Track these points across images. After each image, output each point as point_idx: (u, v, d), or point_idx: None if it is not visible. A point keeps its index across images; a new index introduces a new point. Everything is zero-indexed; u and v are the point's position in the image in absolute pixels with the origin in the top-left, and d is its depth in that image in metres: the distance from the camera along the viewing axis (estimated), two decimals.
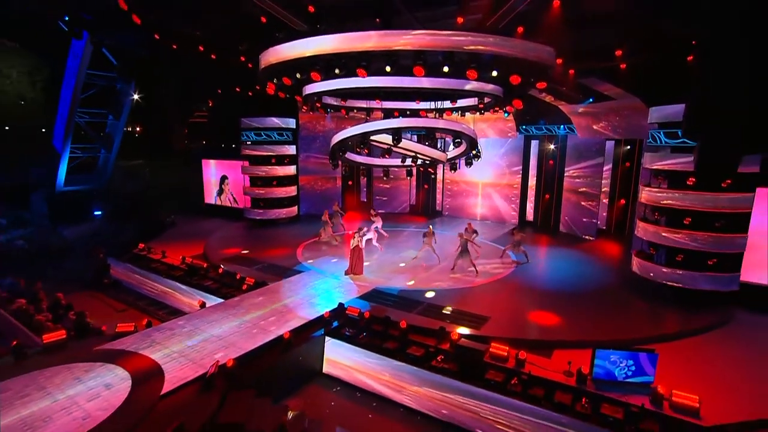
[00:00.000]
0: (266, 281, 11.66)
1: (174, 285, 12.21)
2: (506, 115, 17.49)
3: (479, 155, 15.07)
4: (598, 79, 12.55)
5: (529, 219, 19.60)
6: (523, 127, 18.74)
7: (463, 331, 8.83)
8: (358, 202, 22.97)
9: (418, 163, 14.25)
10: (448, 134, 13.66)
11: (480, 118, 18.57)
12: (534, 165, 19.13)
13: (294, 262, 13.89)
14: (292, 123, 20.08)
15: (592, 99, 14.38)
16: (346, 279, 12.22)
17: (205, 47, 14.04)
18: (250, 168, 19.73)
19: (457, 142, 13.38)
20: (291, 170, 20.31)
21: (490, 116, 18.04)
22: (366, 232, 13.39)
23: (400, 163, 14.52)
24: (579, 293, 11.49)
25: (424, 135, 13.44)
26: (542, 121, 17.92)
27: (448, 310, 10.04)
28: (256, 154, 19.54)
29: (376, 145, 13.70)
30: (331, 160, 13.82)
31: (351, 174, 22.54)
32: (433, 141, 13.62)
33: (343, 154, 13.86)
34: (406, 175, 18.29)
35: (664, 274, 10.92)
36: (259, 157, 19.55)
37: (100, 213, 21.77)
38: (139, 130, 30.23)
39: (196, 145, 27.09)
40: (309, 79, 9.94)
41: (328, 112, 15.21)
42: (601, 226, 17.35)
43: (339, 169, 20.71)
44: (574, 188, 17.49)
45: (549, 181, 18.60)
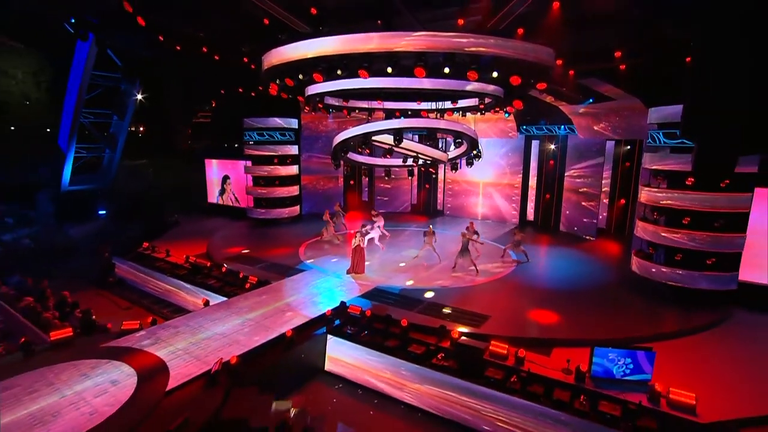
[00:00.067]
0: (269, 280, 11.79)
1: (178, 283, 12.34)
2: (507, 116, 17.50)
3: (480, 155, 15.09)
4: (598, 79, 12.62)
5: (529, 218, 19.66)
6: (524, 128, 18.79)
7: (464, 330, 8.91)
8: (360, 202, 23.03)
9: (420, 163, 14.30)
10: (449, 134, 13.70)
11: (481, 119, 18.66)
12: (534, 165, 19.17)
13: (296, 261, 14.00)
14: (294, 123, 20.17)
15: (592, 99, 14.44)
16: (348, 278, 12.33)
17: (209, 48, 14.17)
18: (253, 168, 19.85)
19: (458, 142, 13.43)
20: (293, 170, 20.41)
21: (490, 116, 18.06)
22: (369, 231, 13.46)
23: (401, 163, 14.56)
24: (578, 292, 11.56)
25: (425, 135, 13.52)
26: (543, 121, 17.96)
27: (448, 310, 10.13)
28: (258, 154, 19.65)
29: (378, 146, 13.75)
30: (333, 160, 13.89)
31: (353, 174, 22.72)
32: (434, 141, 13.70)
33: (345, 154, 13.94)
34: (408, 174, 18.39)
35: (663, 274, 10.99)
36: (262, 157, 19.66)
37: (104, 212, 21.93)
38: (143, 130, 30.41)
39: (199, 145, 27.22)
40: (311, 80, 10.04)
41: (330, 113, 15.29)
42: (601, 225, 17.39)
43: (341, 169, 20.96)
44: (575, 188, 17.54)
45: (549, 181, 18.65)
